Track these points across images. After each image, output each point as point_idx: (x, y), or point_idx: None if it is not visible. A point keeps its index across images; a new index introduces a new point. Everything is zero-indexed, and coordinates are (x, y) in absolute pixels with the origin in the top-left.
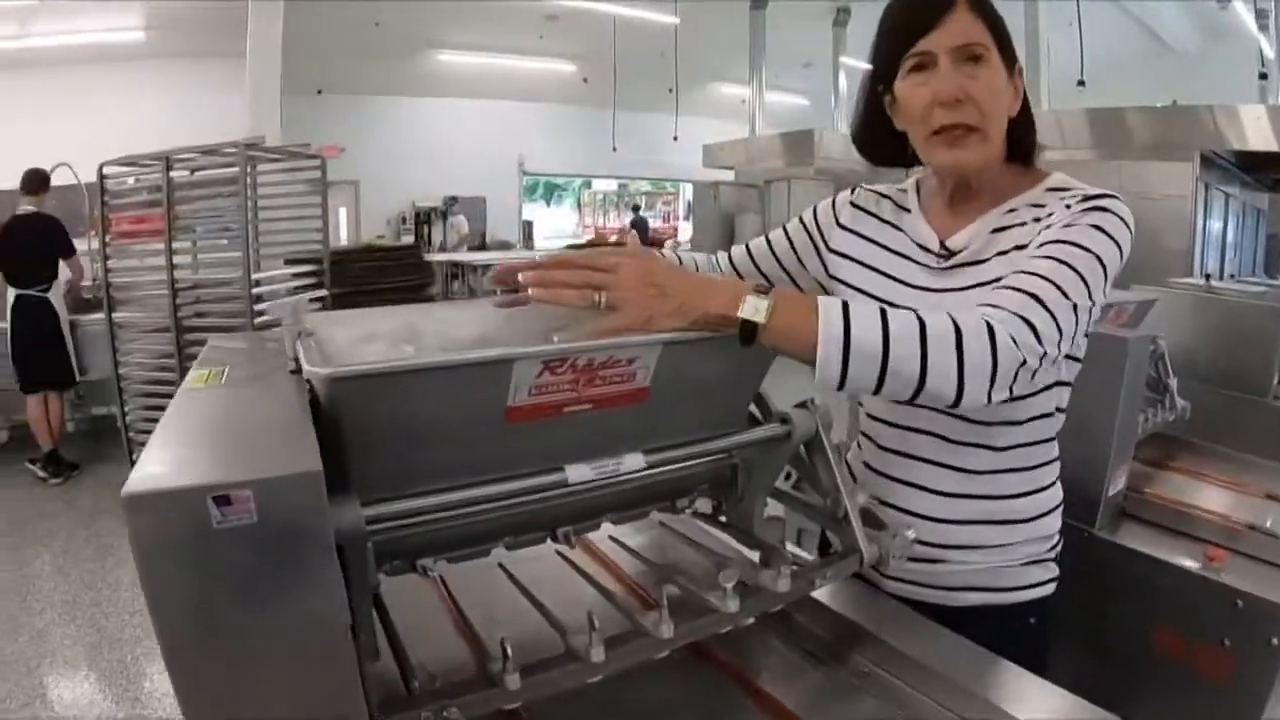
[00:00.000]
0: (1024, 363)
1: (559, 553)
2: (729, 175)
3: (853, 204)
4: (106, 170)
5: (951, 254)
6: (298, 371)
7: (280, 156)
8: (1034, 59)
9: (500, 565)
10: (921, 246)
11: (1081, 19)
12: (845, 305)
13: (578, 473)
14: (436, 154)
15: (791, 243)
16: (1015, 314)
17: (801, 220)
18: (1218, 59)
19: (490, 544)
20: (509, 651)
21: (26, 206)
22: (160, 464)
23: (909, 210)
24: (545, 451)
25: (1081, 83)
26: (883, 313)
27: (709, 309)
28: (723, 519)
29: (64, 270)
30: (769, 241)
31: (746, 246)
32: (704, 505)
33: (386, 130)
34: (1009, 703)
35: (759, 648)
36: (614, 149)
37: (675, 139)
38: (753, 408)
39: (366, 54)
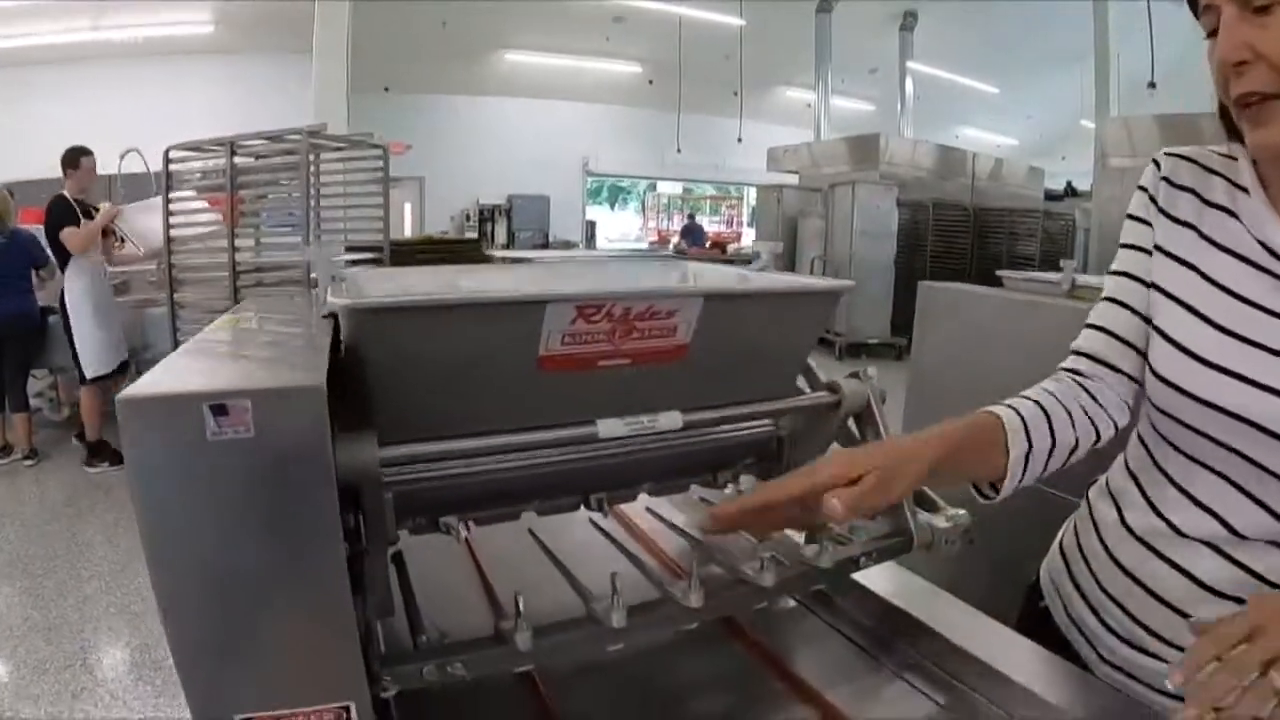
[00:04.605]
0: None
1: (593, 522)
2: (792, 179)
3: (1166, 180)
4: (172, 154)
5: None
6: (330, 317)
7: (343, 145)
8: (1104, 64)
9: (530, 531)
10: (1270, 250)
11: (1152, 19)
12: None
13: (609, 428)
14: (501, 153)
15: (1138, 278)
16: None
17: (1131, 245)
18: None
19: (519, 506)
20: (521, 607)
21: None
22: (163, 374)
23: (1246, 190)
24: (579, 407)
25: (1152, 84)
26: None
27: None
28: None
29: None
30: (1118, 301)
31: (1096, 326)
32: (747, 482)
33: (452, 128)
34: (1069, 703)
35: (798, 632)
36: (678, 150)
37: (739, 140)
38: (801, 383)
39: (434, 53)
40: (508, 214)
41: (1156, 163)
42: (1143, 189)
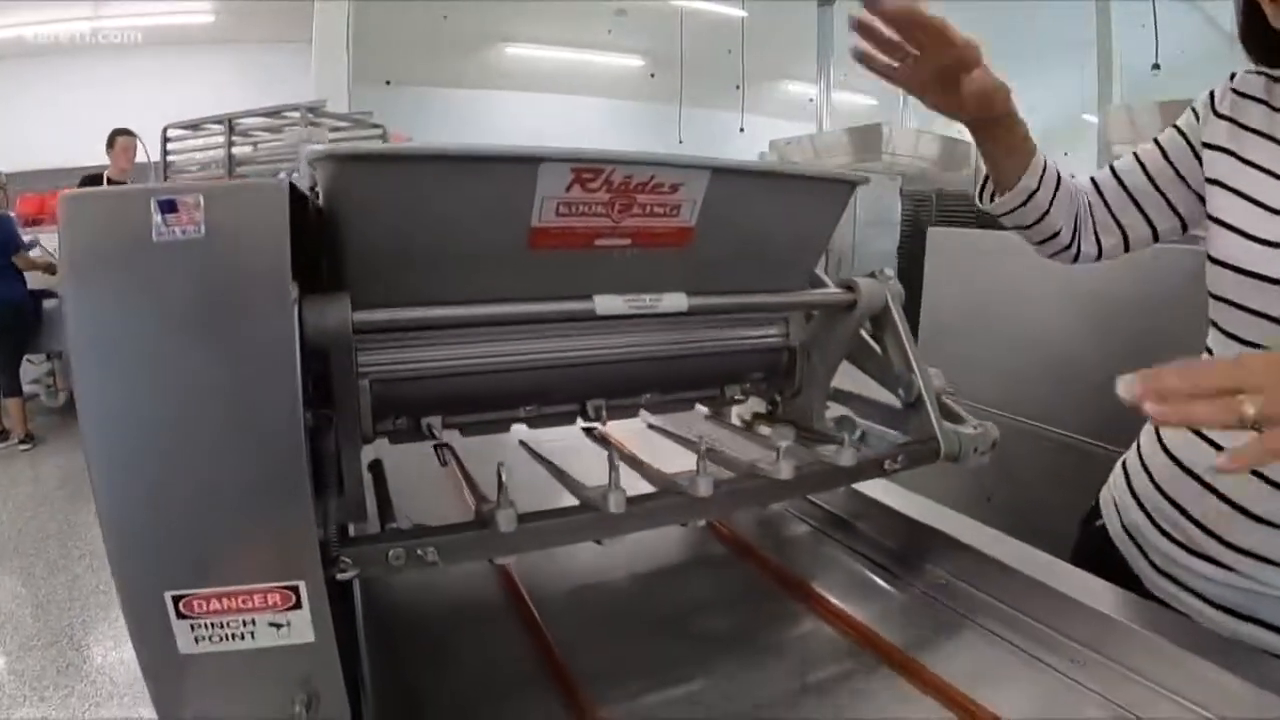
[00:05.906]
0: None
1: (590, 437)
2: None
3: (1234, 90)
4: (170, 134)
5: None
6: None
7: (344, 124)
8: (1106, 55)
9: (522, 443)
10: None
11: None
12: None
13: (607, 304)
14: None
15: (1165, 152)
16: None
17: (1175, 125)
18: None
19: (508, 411)
20: (504, 479)
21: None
22: None
23: None
24: (575, 292)
25: (1156, 66)
26: None
27: None
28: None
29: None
30: (1138, 157)
31: (1111, 166)
32: (756, 402)
33: (454, 122)
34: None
35: (817, 554)
36: (680, 141)
37: (741, 130)
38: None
39: (435, 47)
40: None
41: (1232, 75)
42: (1210, 94)
